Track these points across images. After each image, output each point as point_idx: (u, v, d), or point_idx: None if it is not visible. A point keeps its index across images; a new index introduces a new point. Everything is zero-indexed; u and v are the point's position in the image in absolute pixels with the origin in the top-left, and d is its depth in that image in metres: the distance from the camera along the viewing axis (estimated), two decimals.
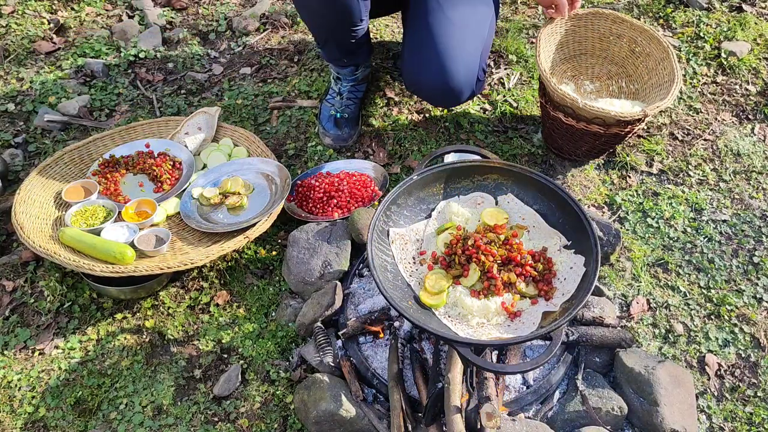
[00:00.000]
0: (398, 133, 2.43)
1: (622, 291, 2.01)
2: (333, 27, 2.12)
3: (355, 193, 2.16)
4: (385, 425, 1.64)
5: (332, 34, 2.15)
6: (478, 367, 1.51)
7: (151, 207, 2.09)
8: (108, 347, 1.88)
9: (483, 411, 1.46)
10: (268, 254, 2.08)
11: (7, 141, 2.43)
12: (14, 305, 1.97)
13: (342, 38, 2.15)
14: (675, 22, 2.86)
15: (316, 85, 2.61)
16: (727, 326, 1.94)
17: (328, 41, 2.20)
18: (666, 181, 2.32)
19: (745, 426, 1.75)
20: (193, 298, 2.00)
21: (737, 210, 2.24)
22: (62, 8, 3.02)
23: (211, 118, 2.36)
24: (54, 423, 1.74)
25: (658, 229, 2.17)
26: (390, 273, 1.65)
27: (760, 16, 2.92)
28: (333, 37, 2.17)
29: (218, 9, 3.05)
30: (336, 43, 2.19)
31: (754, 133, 2.48)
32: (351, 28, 2.10)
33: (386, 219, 1.73)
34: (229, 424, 1.74)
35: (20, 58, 2.77)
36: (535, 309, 1.57)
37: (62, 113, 2.52)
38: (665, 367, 1.72)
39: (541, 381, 1.72)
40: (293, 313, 1.92)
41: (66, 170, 2.23)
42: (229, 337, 1.90)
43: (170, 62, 2.78)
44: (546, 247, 1.70)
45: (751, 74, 2.67)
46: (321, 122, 2.42)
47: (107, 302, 1.98)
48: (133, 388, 1.81)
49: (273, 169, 2.21)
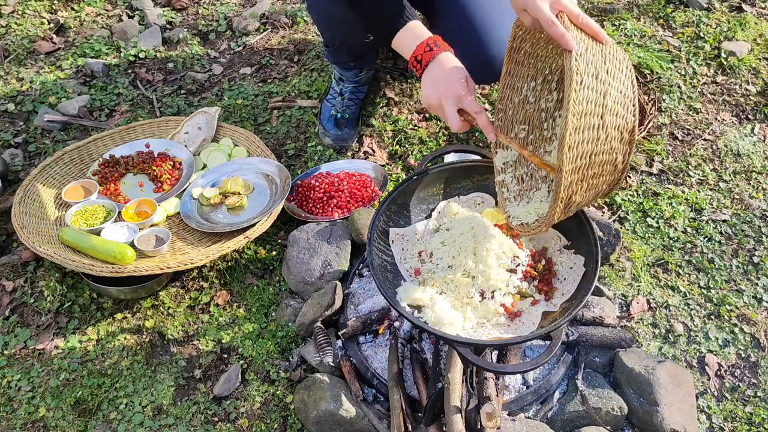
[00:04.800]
0: (398, 133, 2.43)
1: (622, 291, 2.01)
2: (350, 33, 2.09)
3: (355, 193, 2.16)
4: (385, 425, 1.64)
5: (346, 39, 2.14)
6: (478, 367, 1.52)
7: (151, 207, 2.09)
8: (108, 347, 1.88)
9: (483, 411, 1.47)
10: (268, 254, 2.08)
11: (7, 141, 2.43)
12: (14, 305, 1.97)
13: (355, 44, 2.15)
14: (675, 22, 2.86)
15: (316, 85, 2.61)
16: (727, 326, 1.94)
17: (340, 46, 2.19)
18: (666, 181, 2.32)
19: (745, 426, 1.75)
20: (193, 298, 2.00)
21: (737, 210, 2.24)
22: (62, 8, 3.02)
23: (211, 118, 2.36)
24: (54, 423, 1.74)
25: (658, 229, 2.17)
26: (390, 273, 1.65)
27: (760, 16, 2.91)
28: (346, 43, 2.16)
29: (218, 9, 3.05)
30: (347, 48, 2.18)
31: (754, 133, 2.48)
32: (364, 36, 2.07)
33: (386, 219, 1.73)
34: (229, 424, 1.74)
35: (20, 58, 2.77)
36: (535, 309, 1.57)
37: (62, 113, 2.52)
38: (665, 367, 1.72)
39: (541, 381, 1.72)
40: (293, 313, 1.92)
41: (66, 170, 2.23)
42: (229, 337, 1.90)
43: (170, 62, 2.78)
44: (546, 247, 1.70)
45: (751, 74, 2.67)
46: (321, 122, 2.42)
47: (107, 302, 1.98)
48: (133, 388, 1.81)
49: (273, 169, 2.21)
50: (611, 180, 1.41)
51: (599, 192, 1.43)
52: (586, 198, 1.41)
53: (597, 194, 1.44)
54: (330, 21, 2.10)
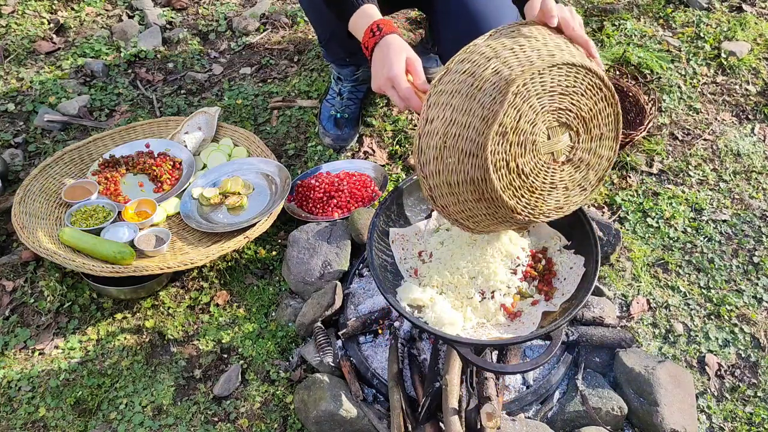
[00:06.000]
0: (398, 133, 2.43)
1: (622, 291, 2.01)
2: (337, 23, 2.10)
3: (355, 193, 2.16)
4: (385, 425, 1.64)
5: (336, 31, 2.14)
6: (478, 367, 1.52)
7: (151, 207, 2.09)
8: (108, 347, 1.88)
9: (483, 411, 1.47)
10: (268, 254, 2.08)
11: (7, 141, 2.43)
12: (14, 305, 1.97)
13: (345, 36, 2.15)
14: (675, 22, 2.86)
15: (316, 85, 2.61)
16: (727, 326, 1.94)
17: (331, 39, 2.19)
18: (666, 181, 2.32)
19: (745, 426, 1.75)
20: (193, 298, 2.00)
21: (737, 210, 2.24)
22: (62, 8, 3.02)
23: (211, 118, 2.36)
24: (54, 423, 1.74)
25: (658, 229, 2.17)
26: (390, 273, 1.65)
27: (760, 16, 2.91)
28: (336, 34, 2.16)
29: (218, 9, 3.05)
30: (339, 41, 2.18)
31: (754, 133, 2.48)
32: None
33: (386, 219, 1.73)
34: (229, 424, 1.74)
35: (20, 58, 2.77)
36: (535, 309, 1.57)
37: (62, 113, 2.52)
38: (665, 367, 1.72)
39: (541, 381, 1.72)
40: (293, 313, 1.92)
41: (66, 170, 2.23)
42: (229, 337, 1.90)
43: (170, 62, 2.79)
44: (546, 247, 1.70)
45: (751, 74, 2.67)
46: (321, 122, 2.42)
47: (107, 302, 1.98)
48: (133, 388, 1.81)
49: (273, 169, 2.21)
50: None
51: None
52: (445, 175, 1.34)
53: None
54: (316, 11, 2.11)
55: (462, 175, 1.29)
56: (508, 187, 1.28)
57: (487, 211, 1.34)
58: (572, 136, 1.31)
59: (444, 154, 1.29)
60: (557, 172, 1.33)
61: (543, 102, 1.25)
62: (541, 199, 1.33)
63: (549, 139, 1.28)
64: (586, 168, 1.36)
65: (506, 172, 1.26)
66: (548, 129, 1.28)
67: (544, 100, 1.25)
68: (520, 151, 1.26)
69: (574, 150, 1.32)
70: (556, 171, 1.33)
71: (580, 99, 1.28)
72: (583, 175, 1.37)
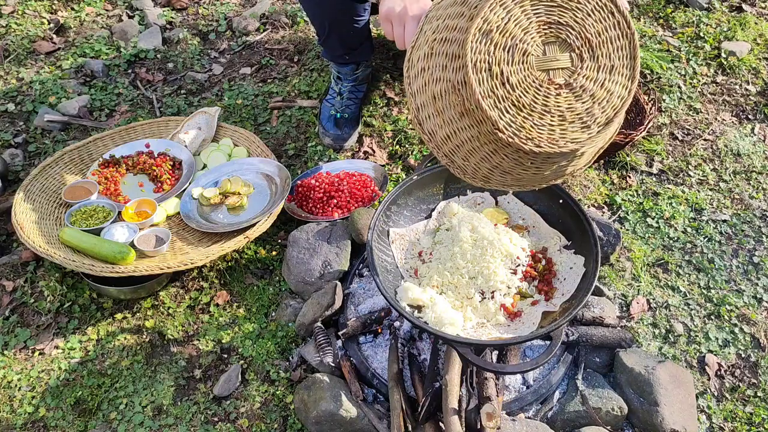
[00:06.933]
0: (398, 133, 2.43)
1: (622, 291, 2.01)
2: (335, 15, 2.11)
3: (355, 193, 2.16)
4: (385, 425, 1.64)
5: (334, 24, 2.14)
6: (478, 367, 1.51)
7: (151, 207, 2.09)
8: (108, 347, 1.88)
9: (483, 411, 1.47)
10: (268, 254, 2.08)
11: (7, 141, 2.43)
12: (14, 305, 1.97)
13: (343, 30, 2.15)
14: (675, 22, 2.86)
15: (316, 85, 2.61)
16: (727, 326, 1.94)
17: (330, 35, 2.19)
18: (666, 181, 2.32)
19: (745, 426, 1.75)
20: (193, 298, 2.00)
21: (737, 210, 2.24)
22: (62, 8, 3.02)
23: (211, 118, 2.36)
24: (54, 423, 1.74)
25: (658, 229, 2.17)
26: (390, 273, 1.65)
27: (760, 16, 2.91)
28: (335, 29, 2.16)
29: (218, 9, 3.05)
30: (338, 37, 2.19)
31: (754, 133, 2.48)
32: (353, 17, 2.09)
33: (386, 219, 1.73)
34: (229, 424, 1.74)
35: (20, 58, 2.77)
36: (535, 309, 1.57)
37: (62, 113, 2.52)
38: (665, 367, 1.72)
39: (541, 381, 1.72)
40: (293, 313, 1.92)
41: (66, 170, 2.23)
42: (229, 337, 1.90)
43: (170, 62, 2.78)
44: (546, 247, 1.70)
45: (751, 74, 2.67)
46: (321, 122, 2.42)
47: (107, 302, 1.98)
48: (133, 388, 1.81)
49: (273, 169, 2.21)
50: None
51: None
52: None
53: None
54: (317, 3, 2.11)
55: (445, 83, 1.18)
56: (489, 94, 1.13)
57: (471, 132, 1.19)
58: (574, 59, 1.17)
59: (430, 63, 1.20)
60: (552, 95, 1.17)
61: (538, 9, 1.14)
62: (530, 120, 1.15)
63: (544, 55, 1.16)
64: (591, 100, 1.18)
65: (488, 76, 1.13)
66: (544, 43, 1.15)
67: (540, 8, 1.14)
68: (506, 56, 1.13)
69: (576, 75, 1.17)
70: (551, 93, 1.17)
71: (585, 18, 1.16)
72: (586, 108, 1.19)
